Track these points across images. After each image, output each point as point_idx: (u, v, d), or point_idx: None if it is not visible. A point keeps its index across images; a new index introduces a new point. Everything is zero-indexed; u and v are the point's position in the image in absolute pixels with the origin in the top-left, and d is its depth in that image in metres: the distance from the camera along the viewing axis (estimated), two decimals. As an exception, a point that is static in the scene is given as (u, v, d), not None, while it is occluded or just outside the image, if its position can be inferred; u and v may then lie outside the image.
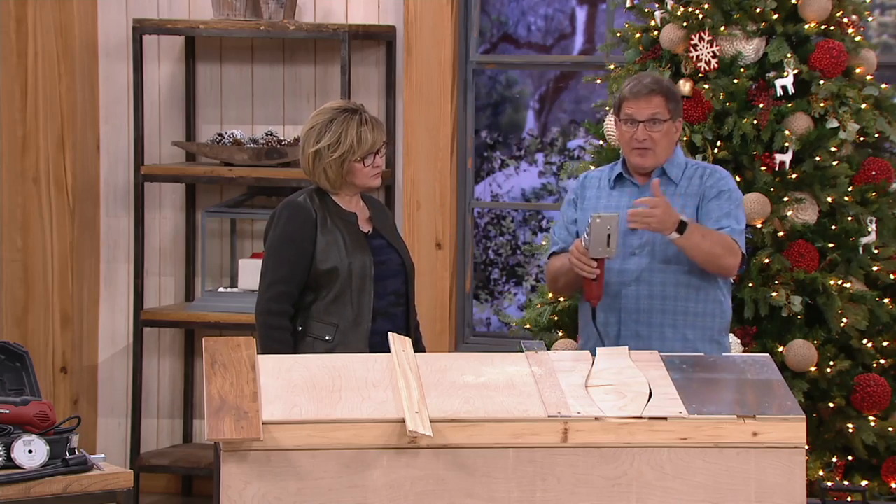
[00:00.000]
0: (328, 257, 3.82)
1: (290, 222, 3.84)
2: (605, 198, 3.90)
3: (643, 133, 3.82)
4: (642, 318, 3.83)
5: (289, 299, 3.82)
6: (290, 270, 3.82)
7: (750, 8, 4.61)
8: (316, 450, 3.01)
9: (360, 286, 3.83)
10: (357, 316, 3.82)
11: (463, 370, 3.22)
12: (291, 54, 5.75)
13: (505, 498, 3.04)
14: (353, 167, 3.85)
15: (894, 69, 5.15)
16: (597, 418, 3.08)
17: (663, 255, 3.83)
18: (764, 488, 3.05)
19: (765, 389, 3.23)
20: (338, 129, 3.84)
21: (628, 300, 3.83)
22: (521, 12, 7.34)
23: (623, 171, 3.90)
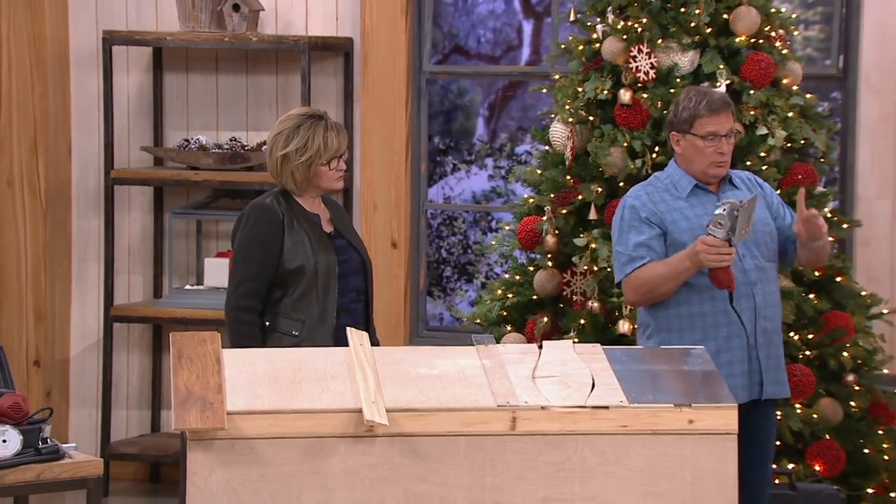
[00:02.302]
0: (295, 257, 3.81)
1: (259, 223, 3.83)
2: (686, 208, 3.81)
3: (727, 146, 3.78)
4: (767, 313, 3.80)
5: (257, 296, 3.81)
6: (258, 269, 3.81)
7: (685, 22, 4.62)
8: (277, 438, 2.99)
9: (326, 284, 3.82)
10: (323, 312, 3.82)
11: (417, 363, 3.22)
12: (254, 64, 5.73)
13: (456, 483, 3.03)
14: (319, 170, 3.84)
15: (818, 80, 5.20)
16: (543, 407, 3.08)
17: (766, 254, 3.82)
18: (699, 472, 3.06)
19: (700, 380, 3.24)
20: (305, 134, 3.83)
21: (759, 297, 3.78)
22: (472, 25, 7.34)
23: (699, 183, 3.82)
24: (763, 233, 3.81)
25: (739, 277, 3.74)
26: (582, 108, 4.70)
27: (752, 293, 3.76)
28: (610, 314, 4.58)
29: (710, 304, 3.77)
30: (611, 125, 4.65)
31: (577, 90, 4.71)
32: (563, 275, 4.72)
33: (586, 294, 4.62)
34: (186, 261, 5.79)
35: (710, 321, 3.78)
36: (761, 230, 3.80)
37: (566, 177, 4.72)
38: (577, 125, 4.70)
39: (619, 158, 4.60)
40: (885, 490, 4.60)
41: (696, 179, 3.82)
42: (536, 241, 4.74)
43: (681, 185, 3.83)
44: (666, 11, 4.65)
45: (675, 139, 3.83)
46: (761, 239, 3.80)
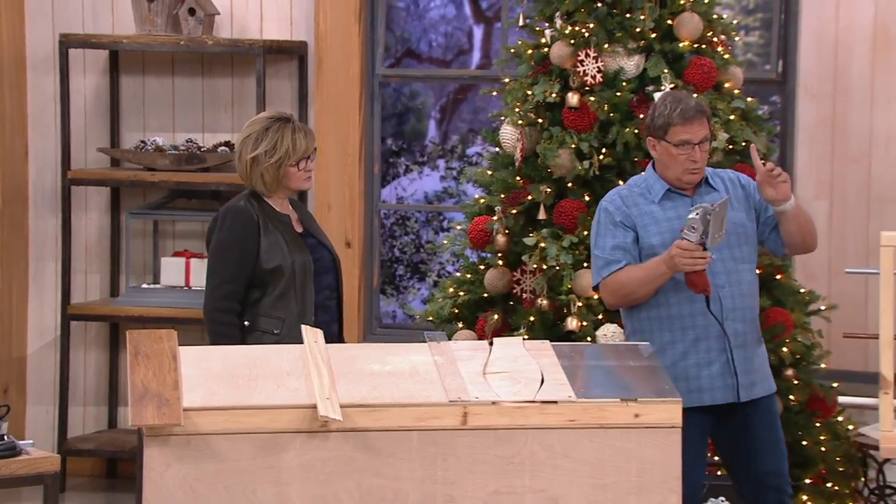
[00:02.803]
0: (272, 257, 3.82)
1: (234, 225, 3.83)
2: (660, 210, 3.78)
3: (700, 154, 3.74)
4: (737, 315, 3.76)
5: (235, 297, 3.82)
6: (236, 270, 3.82)
7: (630, 27, 4.65)
8: (233, 434, 2.98)
9: (303, 283, 3.84)
10: (302, 310, 3.83)
11: (370, 359, 3.21)
12: (210, 67, 5.70)
13: (409, 477, 3.03)
14: (289, 171, 3.85)
15: (758, 84, 5.25)
16: (493, 403, 3.08)
17: (739, 255, 3.78)
18: (644, 465, 3.08)
19: (645, 375, 3.26)
20: (274, 136, 3.84)
21: (726, 300, 3.75)
22: (423, 30, 7.34)
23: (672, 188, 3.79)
24: (736, 234, 3.76)
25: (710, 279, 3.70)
26: (531, 111, 4.71)
27: (718, 296, 3.73)
28: (559, 311, 4.59)
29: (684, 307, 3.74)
30: (559, 127, 4.66)
31: (527, 93, 4.72)
32: (513, 273, 4.73)
33: (536, 292, 4.63)
34: (143, 260, 5.76)
35: (682, 324, 3.76)
36: (734, 232, 3.76)
37: (516, 178, 4.73)
38: (526, 127, 4.71)
39: (568, 160, 4.62)
40: (822, 481, 4.65)
41: (669, 184, 3.80)
42: (487, 240, 4.75)
43: (654, 190, 3.80)
44: (612, 17, 4.67)
45: (650, 144, 3.81)
46: (733, 241, 3.75)
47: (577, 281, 4.53)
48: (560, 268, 4.54)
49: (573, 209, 4.61)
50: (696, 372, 3.75)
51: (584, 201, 4.62)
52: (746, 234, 3.81)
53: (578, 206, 4.61)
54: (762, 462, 3.81)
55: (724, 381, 3.75)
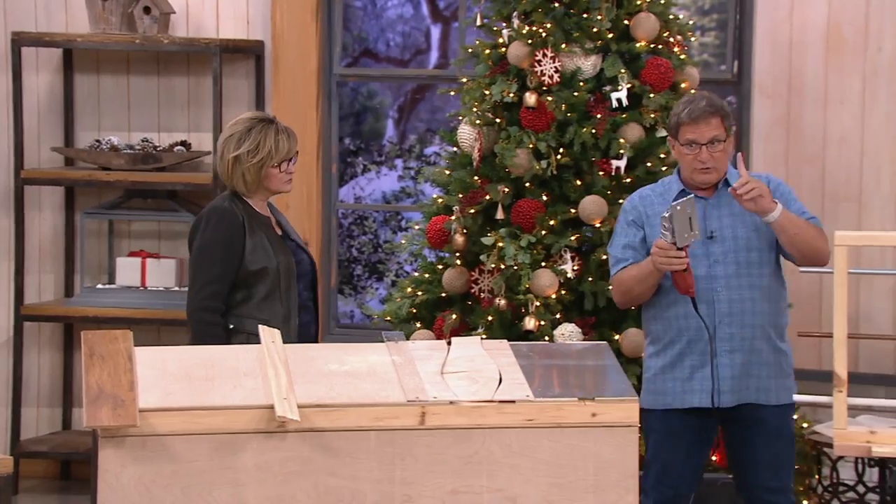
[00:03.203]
0: (257, 258, 3.81)
1: (219, 226, 3.81)
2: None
3: (706, 155, 3.74)
4: (735, 320, 3.75)
5: (221, 298, 3.80)
6: (221, 271, 3.79)
7: (588, 27, 4.67)
8: (189, 435, 2.96)
9: (287, 284, 3.84)
10: (287, 312, 3.83)
11: (328, 359, 3.20)
12: (165, 66, 5.66)
13: (367, 477, 3.02)
14: (270, 172, 3.84)
15: (714, 84, 5.28)
16: (451, 402, 3.08)
17: (746, 260, 3.76)
18: (601, 464, 3.08)
19: (602, 374, 3.27)
20: (256, 137, 3.83)
21: (721, 304, 3.74)
22: (381, 29, 7.33)
23: (685, 188, 3.81)
24: (747, 238, 3.75)
25: (704, 283, 3.72)
26: (489, 111, 4.72)
27: (713, 299, 3.73)
28: (517, 311, 4.60)
29: (680, 308, 3.75)
30: (517, 127, 4.67)
31: (484, 93, 4.73)
32: (471, 273, 4.74)
33: (494, 291, 4.64)
34: (98, 260, 5.71)
35: (678, 325, 3.78)
36: (745, 236, 3.74)
37: (474, 177, 4.74)
38: (484, 127, 4.71)
39: (525, 159, 4.63)
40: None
41: (685, 185, 3.81)
42: (445, 240, 4.75)
43: (671, 189, 3.84)
44: (569, 17, 4.68)
45: (671, 142, 3.85)
46: (741, 245, 3.75)
47: (535, 280, 4.54)
48: (518, 267, 4.55)
49: (531, 209, 4.62)
50: (689, 373, 3.77)
51: (541, 201, 4.63)
52: (760, 238, 3.77)
53: (536, 206, 4.62)
54: (758, 474, 3.81)
55: (702, 384, 3.75)
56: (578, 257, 4.61)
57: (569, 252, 4.59)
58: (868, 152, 5.04)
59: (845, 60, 5.04)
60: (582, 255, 4.64)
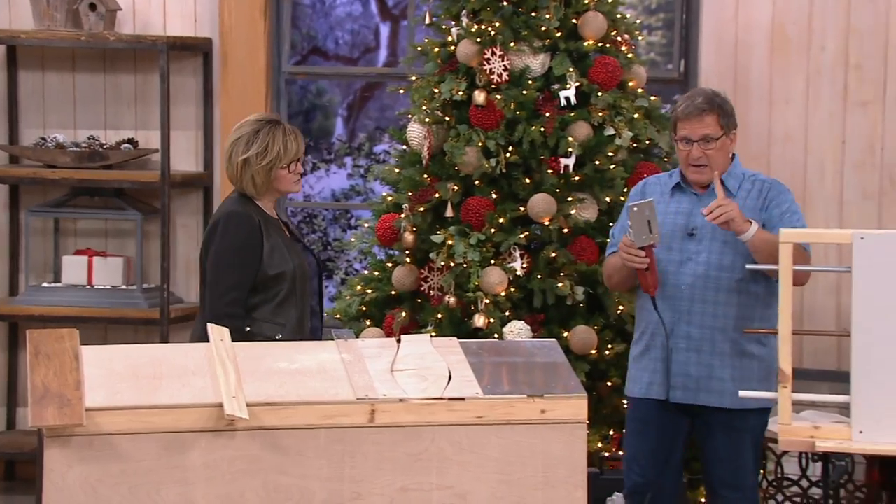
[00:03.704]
0: (274, 262, 3.79)
1: (238, 231, 3.78)
2: (664, 203, 3.82)
3: (698, 151, 3.76)
4: (694, 320, 3.77)
5: (242, 304, 3.78)
6: (240, 277, 3.77)
7: (536, 26, 4.68)
8: (137, 434, 2.94)
9: (302, 288, 3.83)
10: (301, 315, 3.82)
11: (277, 357, 3.19)
12: (112, 63, 5.61)
13: (316, 475, 3.01)
14: (279, 174, 3.83)
15: (661, 83, 5.31)
16: (401, 400, 3.08)
17: (718, 262, 3.77)
18: (550, 460, 3.10)
19: (551, 371, 3.28)
20: (265, 139, 3.82)
21: (682, 303, 3.77)
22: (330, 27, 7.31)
23: (681, 182, 3.84)
24: (724, 241, 3.76)
25: (673, 278, 3.76)
26: (438, 109, 4.72)
27: (679, 296, 3.77)
28: (466, 308, 4.61)
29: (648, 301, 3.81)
30: (466, 125, 4.68)
31: (434, 91, 4.73)
32: (420, 271, 4.73)
33: (443, 289, 4.64)
34: (44, 258, 5.65)
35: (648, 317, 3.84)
36: (722, 239, 3.75)
37: (423, 175, 4.74)
38: (433, 125, 4.71)
39: (475, 157, 4.63)
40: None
41: (681, 180, 3.85)
42: (395, 237, 4.75)
43: (669, 182, 3.89)
44: (518, 16, 4.69)
45: (673, 139, 3.89)
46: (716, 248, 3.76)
47: (485, 278, 4.55)
48: (467, 265, 4.55)
49: (480, 207, 4.62)
50: (653, 366, 3.83)
51: (491, 199, 4.64)
52: (739, 243, 3.75)
53: (485, 204, 4.62)
54: (716, 470, 3.86)
55: (653, 377, 3.81)
56: (527, 255, 4.63)
57: (518, 250, 4.60)
58: (812, 150, 5.10)
59: (789, 60, 5.09)
60: (531, 253, 4.65)
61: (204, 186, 5.57)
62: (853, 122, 5.04)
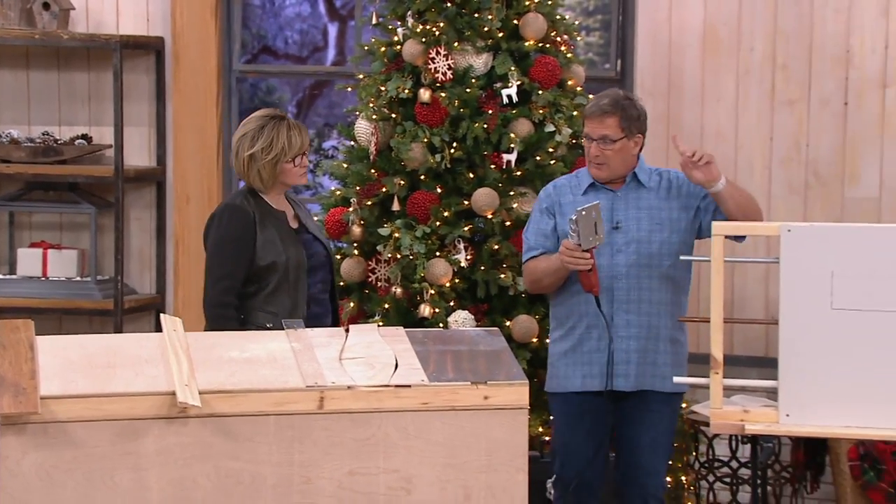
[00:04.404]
0: (267, 253, 3.80)
1: (231, 223, 3.80)
2: (580, 202, 3.81)
3: (596, 150, 3.79)
4: (632, 307, 3.78)
5: (234, 292, 3.79)
6: (233, 267, 3.78)
7: (479, 27, 4.68)
8: (90, 421, 2.91)
9: (296, 277, 3.82)
10: (294, 305, 3.81)
11: (229, 347, 3.17)
12: (66, 61, 5.54)
13: (266, 460, 3.00)
14: (285, 168, 3.85)
15: (598, 82, 5.33)
16: (349, 387, 3.07)
17: (647, 251, 3.79)
18: (493, 444, 3.10)
19: (494, 358, 3.29)
20: (270, 134, 3.83)
21: (620, 292, 3.78)
22: (279, 27, 7.27)
23: (594, 181, 3.84)
24: (650, 230, 3.78)
25: (607, 271, 3.76)
26: (385, 106, 4.70)
27: (613, 286, 3.78)
28: (412, 299, 4.60)
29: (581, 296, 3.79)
30: (412, 122, 4.67)
31: (380, 89, 4.71)
32: (368, 262, 4.72)
33: (390, 280, 4.63)
34: (-1, 251, 5.57)
35: (579, 311, 3.82)
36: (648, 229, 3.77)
37: (370, 170, 4.72)
38: (380, 122, 4.70)
39: (420, 153, 4.62)
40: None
41: (593, 177, 3.85)
42: (343, 230, 4.73)
43: (582, 182, 3.88)
44: (461, 16, 4.69)
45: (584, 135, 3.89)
46: (644, 237, 3.78)
47: (430, 269, 4.55)
48: (413, 257, 4.55)
49: (426, 201, 4.62)
50: (588, 358, 3.83)
51: (436, 193, 4.63)
52: (663, 230, 3.81)
53: (431, 198, 4.62)
54: (636, 456, 3.86)
55: (605, 368, 3.80)
56: (471, 247, 4.63)
57: (462, 242, 4.60)
58: (742, 147, 5.14)
59: (720, 60, 5.13)
60: (474, 245, 4.65)
61: (157, 181, 5.52)
62: (780, 120, 5.09)
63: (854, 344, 3.37)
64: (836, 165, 5.03)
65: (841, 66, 5.00)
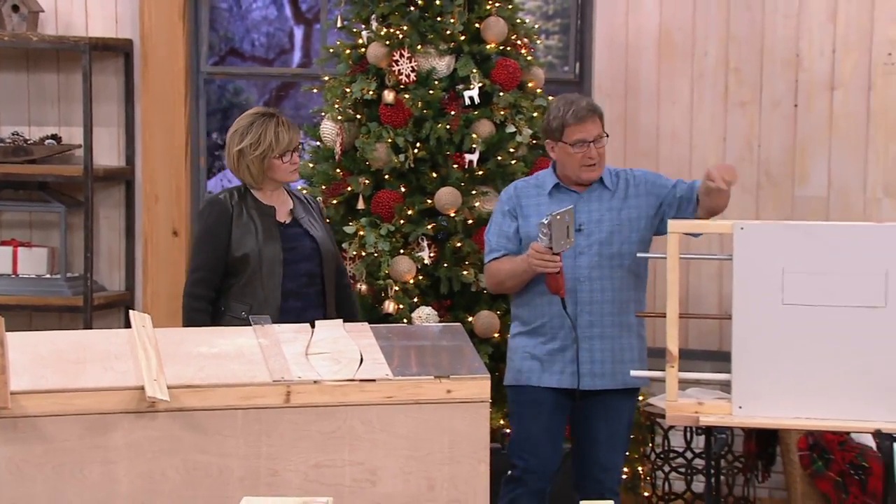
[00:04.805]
0: (241, 246, 3.80)
1: (210, 217, 3.82)
2: (545, 205, 3.80)
3: (595, 152, 3.76)
4: (595, 308, 3.77)
5: (208, 284, 3.80)
6: (207, 259, 3.80)
7: (441, 30, 4.68)
8: (60, 416, 2.89)
9: (270, 270, 3.80)
10: (266, 297, 3.79)
11: (198, 342, 3.16)
12: (35, 63, 5.49)
13: (234, 453, 2.99)
14: (273, 163, 3.84)
15: (558, 84, 5.35)
16: (315, 382, 3.07)
17: (608, 251, 3.78)
18: (455, 437, 3.11)
19: (457, 353, 3.30)
20: (258, 131, 3.84)
21: (583, 294, 3.76)
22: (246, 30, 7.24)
23: (560, 182, 3.82)
24: (610, 231, 3.78)
25: (570, 272, 3.74)
26: (350, 107, 4.70)
27: (577, 288, 3.77)
28: (377, 295, 4.60)
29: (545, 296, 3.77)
30: (376, 123, 4.67)
31: (345, 91, 4.71)
32: (333, 260, 4.71)
33: (356, 277, 4.62)
34: (-31, 250, 5.51)
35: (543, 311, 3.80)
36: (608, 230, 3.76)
37: (336, 170, 4.72)
38: (345, 123, 4.70)
39: (384, 153, 4.62)
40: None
41: (561, 180, 3.82)
42: (308, 229, 4.72)
43: (546, 183, 3.86)
44: (424, 20, 4.69)
45: (549, 146, 3.84)
46: (604, 239, 3.76)
47: (394, 266, 4.55)
48: (378, 254, 4.55)
49: (390, 199, 4.62)
50: (552, 356, 3.81)
51: (400, 192, 4.63)
52: (623, 231, 3.80)
53: (395, 197, 4.62)
54: (594, 452, 3.86)
55: (572, 368, 3.79)
56: (434, 245, 4.63)
57: (425, 240, 4.60)
58: (696, 147, 5.17)
59: (675, 63, 5.16)
60: (438, 243, 4.66)
61: (126, 180, 5.49)
62: (733, 121, 5.12)
63: (804, 338, 3.40)
64: (787, 165, 5.08)
65: (791, 70, 5.05)
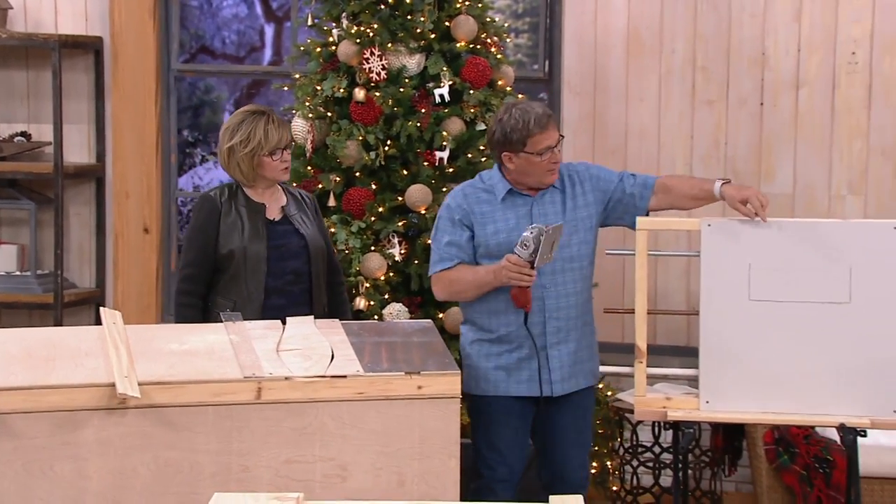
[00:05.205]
0: (227, 242, 3.79)
1: (199, 213, 3.82)
2: (500, 211, 3.72)
3: (556, 156, 3.68)
4: (562, 314, 3.71)
5: (196, 280, 3.79)
6: (195, 255, 3.80)
7: (412, 28, 4.67)
8: (30, 413, 2.86)
9: (254, 267, 3.78)
10: (250, 293, 3.77)
11: (168, 339, 3.13)
12: (4, 60, 5.43)
13: (205, 449, 2.97)
14: (263, 161, 3.82)
15: (528, 82, 5.35)
16: (286, 378, 3.05)
17: (569, 254, 3.71)
18: (426, 432, 3.10)
19: (427, 350, 3.29)
20: (247, 128, 3.82)
21: (550, 300, 3.69)
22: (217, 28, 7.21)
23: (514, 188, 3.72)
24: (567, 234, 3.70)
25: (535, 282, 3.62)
26: (320, 105, 4.68)
27: (543, 295, 3.69)
28: (348, 292, 4.58)
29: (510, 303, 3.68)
30: (347, 120, 4.65)
31: (316, 88, 4.69)
32: (304, 257, 4.69)
33: (325, 274, 4.61)
34: (-62, 247, 5.45)
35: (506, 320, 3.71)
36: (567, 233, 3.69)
37: (307, 167, 4.70)
38: (316, 120, 4.68)
39: (355, 151, 4.61)
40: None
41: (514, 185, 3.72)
42: (279, 226, 4.70)
43: (497, 189, 3.74)
44: (395, 18, 4.68)
45: (505, 158, 3.70)
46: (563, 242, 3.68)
47: (365, 263, 4.53)
48: (349, 251, 4.53)
49: (361, 197, 4.60)
50: (517, 365, 3.73)
51: (370, 189, 4.62)
52: (578, 232, 3.75)
53: (366, 194, 4.61)
54: (563, 453, 3.81)
55: (538, 376, 3.70)
56: (405, 242, 4.62)
57: (396, 237, 4.59)
58: (664, 145, 5.19)
59: (643, 61, 5.17)
60: (408, 240, 4.65)
61: (96, 177, 5.44)
62: (700, 118, 5.14)
63: (770, 333, 3.42)
64: (753, 163, 5.10)
65: (757, 68, 5.07)
